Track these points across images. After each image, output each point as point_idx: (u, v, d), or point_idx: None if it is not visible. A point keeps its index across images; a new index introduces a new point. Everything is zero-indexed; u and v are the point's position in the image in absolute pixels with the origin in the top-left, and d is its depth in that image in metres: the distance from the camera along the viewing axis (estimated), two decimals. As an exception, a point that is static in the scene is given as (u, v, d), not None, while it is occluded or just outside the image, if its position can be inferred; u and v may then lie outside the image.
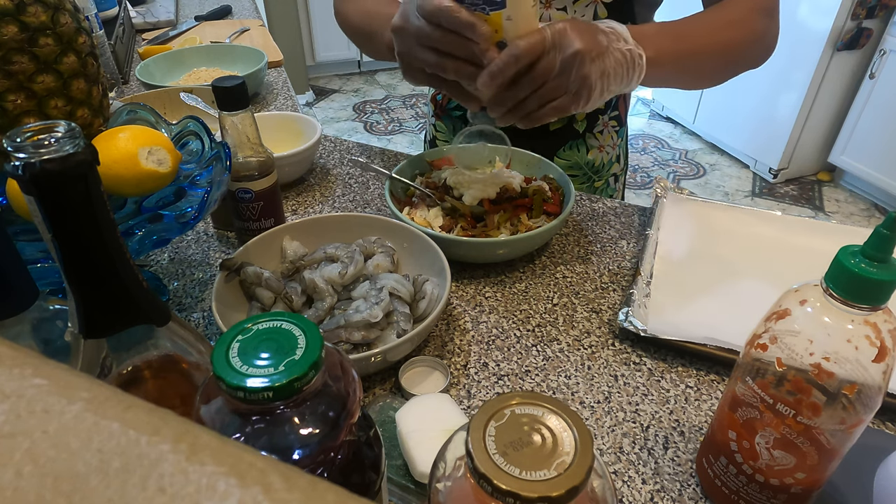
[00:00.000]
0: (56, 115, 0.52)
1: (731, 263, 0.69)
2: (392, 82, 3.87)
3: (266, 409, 0.26)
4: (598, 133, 0.95)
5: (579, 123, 0.94)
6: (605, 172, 0.99)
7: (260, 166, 0.66)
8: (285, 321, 0.28)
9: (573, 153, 0.96)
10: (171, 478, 0.14)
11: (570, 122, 0.93)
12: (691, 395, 0.55)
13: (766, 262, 0.69)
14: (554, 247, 0.75)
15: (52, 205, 0.26)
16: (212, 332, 0.62)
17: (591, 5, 0.81)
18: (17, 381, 0.16)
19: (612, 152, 0.99)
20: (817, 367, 0.36)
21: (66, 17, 0.53)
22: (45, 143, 0.25)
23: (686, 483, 0.48)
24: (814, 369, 0.37)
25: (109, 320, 0.30)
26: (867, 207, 2.63)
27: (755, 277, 0.67)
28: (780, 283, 0.66)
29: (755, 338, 0.40)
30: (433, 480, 0.30)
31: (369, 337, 0.55)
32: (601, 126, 0.95)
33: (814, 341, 0.36)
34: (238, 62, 1.22)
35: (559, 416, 0.27)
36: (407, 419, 0.46)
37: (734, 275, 0.67)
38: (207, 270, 0.71)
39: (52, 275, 0.48)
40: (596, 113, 0.93)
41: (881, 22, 2.40)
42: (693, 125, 3.18)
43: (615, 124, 0.97)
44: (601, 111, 0.94)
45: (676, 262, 0.68)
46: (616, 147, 0.99)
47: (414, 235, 0.65)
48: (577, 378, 0.57)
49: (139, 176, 0.51)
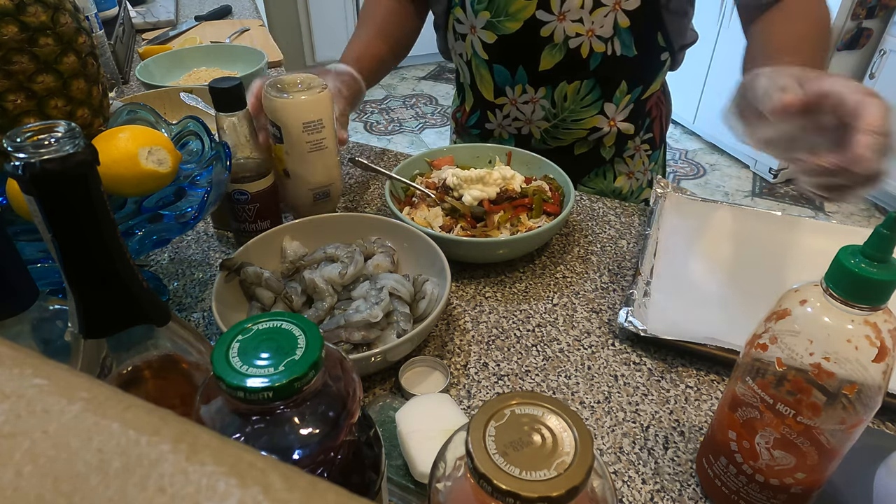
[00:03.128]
0: (56, 115, 0.52)
1: (731, 263, 0.69)
2: (392, 82, 3.87)
3: (266, 409, 0.26)
4: (627, 158, 0.92)
5: (607, 150, 0.90)
6: (633, 199, 0.95)
7: (257, 167, 0.66)
8: (285, 321, 0.28)
9: (599, 181, 0.93)
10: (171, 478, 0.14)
11: (597, 147, 0.90)
12: (691, 395, 0.55)
13: (766, 263, 0.69)
14: (554, 247, 0.75)
15: (52, 205, 0.26)
16: (212, 332, 0.62)
17: (610, 14, 0.77)
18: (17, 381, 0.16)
19: (642, 178, 0.95)
20: (817, 367, 0.36)
21: (66, 17, 0.53)
22: (45, 143, 0.25)
23: (686, 483, 0.48)
24: (814, 369, 0.37)
25: (109, 320, 0.30)
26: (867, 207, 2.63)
27: (755, 277, 0.67)
28: (781, 283, 0.66)
29: (755, 338, 0.40)
30: (433, 480, 0.30)
31: (369, 337, 0.55)
32: (632, 150, 0.92)
33: (814, 341, 0.36)
34: (238, 62, 1.22)
35: (559, 416, 0.27)
36: (407, 419, 0.46)
37: (734, 275, 0.67)
38: (207, 270, 0.71)
39: (52, 275, 0.48)
40: (625, 136, 0.90)
41: (881, 22, 2.40)
42: (693, 125, 3.18)
43: (647, 148, 0.93)
44: (632, 135, 0.90)
45: (676, 262, 0.68)
46: (647, 172, 0.95)
47: (414, 235, 0.65)
48: (577, 378, 0.57)
49: (139, 176, 0.51)
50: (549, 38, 0.79)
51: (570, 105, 0.85)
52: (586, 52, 0.80)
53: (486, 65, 0.86)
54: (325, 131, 0.67)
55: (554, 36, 0.79)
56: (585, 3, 0.76)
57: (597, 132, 0.88)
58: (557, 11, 0.77)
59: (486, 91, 0.89)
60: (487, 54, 0.85)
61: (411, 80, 3.88)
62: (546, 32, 0.79)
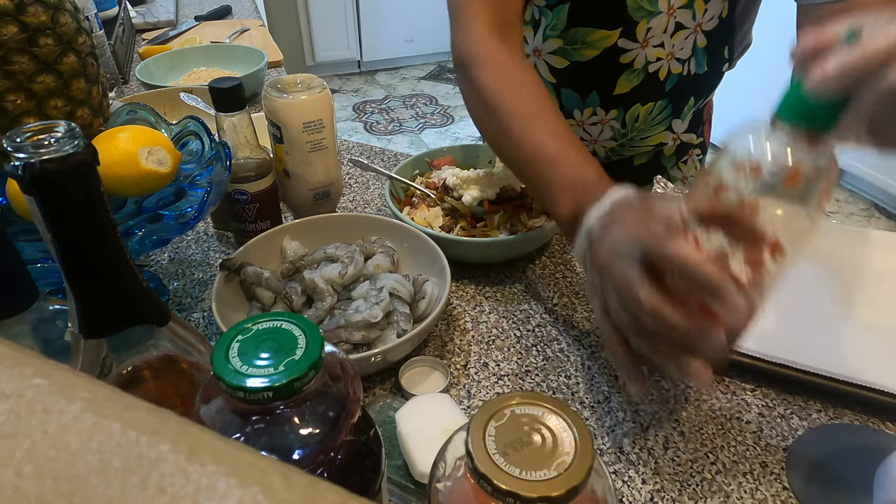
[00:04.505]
0: (56, 115, 0.52)
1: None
2: (392, 82, 3.87)
3: (266, 409, 0.26)
4: (681, 164, 0.90)
5: (667, 159, 0.89)
6: None
7: (257, 168, 0.66)
8: (285, 321, 0.28)
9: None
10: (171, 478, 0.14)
11: (657, 157, 0.88)
12: (691, 395, 0.55)
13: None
14: (554, 247, 0.75)
15: (52, 205, 0.26)
16: (212, 332, 0.62)
17: (690, 37, 0.75)
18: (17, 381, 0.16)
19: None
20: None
21: (66, 17, 0.53)
22: (45, 143, 0.25)
23: (686, 483, 0.48)
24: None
25: (109, 320, 0.30)
26: (867, 207, 2.63)
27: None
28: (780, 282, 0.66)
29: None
30: (433, 480, 0.30)
31: (369, 337, 0.55)
32: (686, 156, 0.90)
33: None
34: (238, 62, 1.22)
35: (559, 416, 0.27)
36: (407, 419, 0.46)
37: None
38: (207, 270, 0.71)
39: (52, 275, 0.48)
40: (687, 146, 0.88)
41: (881, 22, 2.40)
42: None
43: (699, 153, 0.92)
44: (690, 144, 0.89)
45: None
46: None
47: (414, 235, 0.65)
48: (577, 378, 0.57)
49: (139, 176, 0.51)
50: (628, 65, 0.77)
51: (640, 125, 0.83)
52: (664, 74, 0.78)
53: (552, 88, 0.83)
54: (325, 131, 0.67)
55: (634, 62, 0.76)
56: (668, 27, 0.73)
57: (661, 146, 0.87)
58: (641, 39, 0.74)
59: None
60: (556, 78, 0.81)
61: (411, 80, 3.88)
62: (626, 59, 0.76)
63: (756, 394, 0.55)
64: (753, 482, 0.48)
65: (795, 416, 0.53)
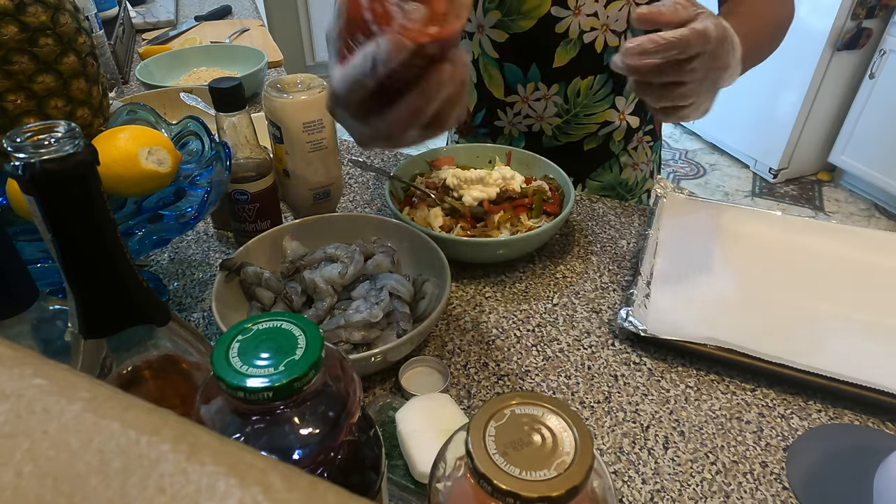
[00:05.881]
0: (56, 115, 0.52)
1: (730, 263, 0.69)
2: (392, 82, 3.86)
3: (266, 409, 0.26)
4: (632, 150, 0.93)
5: (615, 144, 0.91)
6: (637, 190, 0.97)
7: (257, 167, 0.66)
8: (285, 321, 0.28)
9: (606, 173, 0.93)
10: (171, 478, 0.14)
11: (606, 142, 0.91)
12: (691, 395, 0.55)
13: (766, 262, 0.69)
14: (554, 247, 0.75)
15: (52, 205, 0.26)
16: (212, 332, 0.62)
17: (624, 7, 0.78)
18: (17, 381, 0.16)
19: (645, 169, 0.96)
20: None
21: (66, 17, 0.53)
22: (45, 143, 0.25)
23: (686, 483, 0.48)
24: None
25: (109, 320, 0.30)
26: (867, 207, 2.63)
27: (755, 277, 0.67)
28: (780, 283, 0.66)
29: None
30: (433, 480, 0.30)
31: (369, 337, 0.55)
32: (636, 142, 0.92)
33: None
34: (238, 62, 1.22)
35: (559, 416, 0.27)
36: (407, 419, 0.46)
37: (734, 275, 0.67)
38: (207, 270, 0.71)
39: (52, 275, 0.48)
40: (632, 130, 0.91)
41: (881, 22, 2.40)
42: (693, 125, 3.18)
43: (650, 139, 0.94)
44: (637, 128, 0.91)
45: (676, 262, 0.68)
46: (650, 163, 0.97)
47: (414, 235, 0.65)
48: (577, 378, 0.57)
49: (139, 176, 0.51)
50: (563, 34, 0.79)
51: (582, 100, 0.85)
52: (601, 46, 0.80)
53: (496, 63, 0.86)
54: (326, 131, 0.67)
55: (569, 31, 0.79)
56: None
57: (607, 126, 0.89)
58: (573, 6, 0.77)
59: (495, 90, 0.88)
60: (498, 53, 0.84)
61: (411, 80, 3.87)
62: (561, 28, 0.79)
63: (756, 394, 0.55)
64: (753, 482, 0.48)
65: (795, 416, 0.53)
